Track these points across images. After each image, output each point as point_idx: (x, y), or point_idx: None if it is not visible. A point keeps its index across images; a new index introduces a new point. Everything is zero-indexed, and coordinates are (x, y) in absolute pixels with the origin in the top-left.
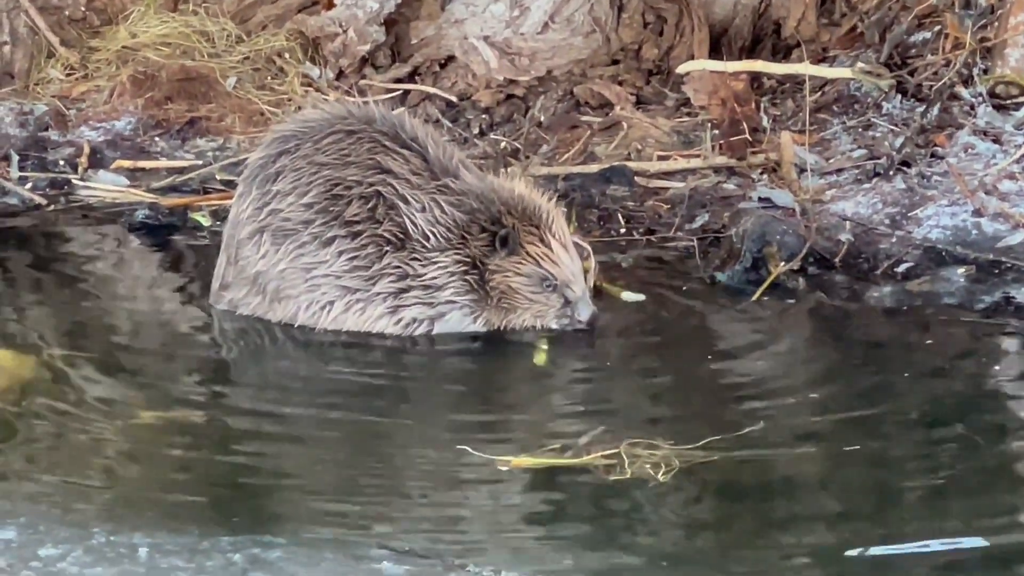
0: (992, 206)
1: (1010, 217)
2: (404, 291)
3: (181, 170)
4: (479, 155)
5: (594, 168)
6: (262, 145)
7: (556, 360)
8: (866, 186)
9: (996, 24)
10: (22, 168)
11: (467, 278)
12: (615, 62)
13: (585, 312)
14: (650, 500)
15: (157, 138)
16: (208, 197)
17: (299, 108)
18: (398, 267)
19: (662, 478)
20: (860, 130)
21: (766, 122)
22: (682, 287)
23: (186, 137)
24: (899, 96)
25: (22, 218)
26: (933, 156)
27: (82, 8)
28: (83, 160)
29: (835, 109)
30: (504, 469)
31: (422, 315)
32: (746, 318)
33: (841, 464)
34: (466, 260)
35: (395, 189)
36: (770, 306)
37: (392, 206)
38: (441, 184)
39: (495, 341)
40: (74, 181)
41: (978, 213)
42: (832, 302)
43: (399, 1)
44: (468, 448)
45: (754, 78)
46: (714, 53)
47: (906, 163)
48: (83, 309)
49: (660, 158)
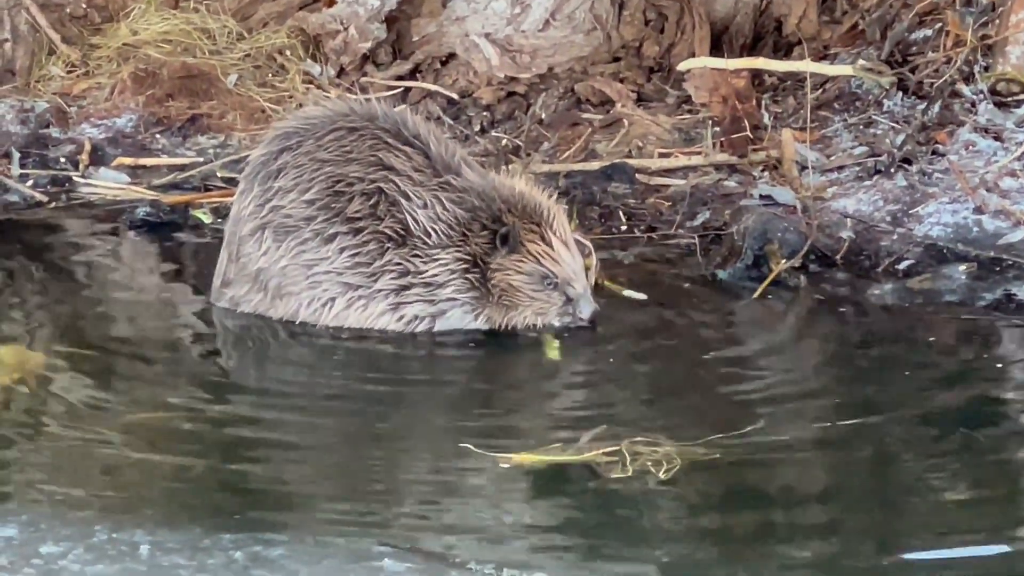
0: (993, 203)
1: (1011, 214)
2: (405, 288)
3: (182, 167)
4: (480, 152)
5: (595, 165)
6: (264, 142)
7: (558, 358)
8: (867, 183)
9: (997, 21)
10: (23, 165)
11: (468, 275)
12: (616, 59)
13: (586, 309)
14: (651, 497)
15: (158, 135)
16: (209, 194)
17: (300, 105)
18: (399, 264)
19: (663, 475)
20: (861, 127)
21: (767, 119)
22: (683, 284)
23: (187, 134)
24: (900, 93)
25: (23, 215)
26: (934, 153)
27: (83, 5)
28: (84, 157)
29: (836, 106)
30: (505, 467)
31: (423, 312)
32: (747, 315)
33: (841, 463)
34: (467, 257)
35: (397, 186)
36: (771, 303)
37: (394, 203)
38: (443, 181)
39: (496, 339)
40: (75, 178)
41: (979, 210)
42: (833, 299)
43: None
44: (469, 445)
45: (755, 75)
46: (715, 50)
47: (907, 160)
48: (84, 306)
49: (661, 155)
